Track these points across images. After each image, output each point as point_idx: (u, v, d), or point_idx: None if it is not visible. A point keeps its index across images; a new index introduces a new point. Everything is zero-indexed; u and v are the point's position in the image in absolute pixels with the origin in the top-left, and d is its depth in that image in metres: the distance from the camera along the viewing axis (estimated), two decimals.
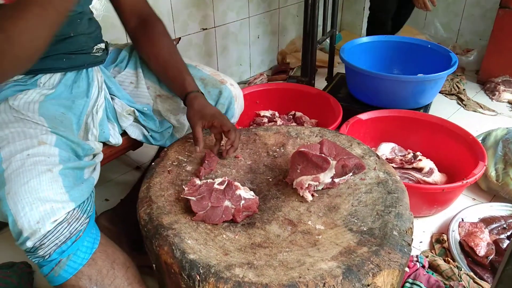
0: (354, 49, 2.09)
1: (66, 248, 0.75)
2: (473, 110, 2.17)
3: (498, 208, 1.45)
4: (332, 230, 0.82)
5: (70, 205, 0.75)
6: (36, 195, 0.73)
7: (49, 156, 0.79)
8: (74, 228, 0.76)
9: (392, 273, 0.73)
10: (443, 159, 1.60)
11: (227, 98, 1.12)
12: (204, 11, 2.13)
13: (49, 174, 0.76)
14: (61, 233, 0.74)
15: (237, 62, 2.50)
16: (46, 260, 0.74)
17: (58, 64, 0.99)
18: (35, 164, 0.76)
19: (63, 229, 0.74)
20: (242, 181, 0.96)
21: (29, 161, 0.77)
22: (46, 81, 0.98)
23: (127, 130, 1.11)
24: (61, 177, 0.77)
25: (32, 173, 0.75)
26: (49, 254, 0.74)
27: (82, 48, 1.02)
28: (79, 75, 1.03)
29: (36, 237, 0.72)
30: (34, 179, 0.74)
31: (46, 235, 0.72)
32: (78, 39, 1.00)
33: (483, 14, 2.65)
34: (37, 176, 0.75)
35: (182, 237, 0.78)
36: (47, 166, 0.77)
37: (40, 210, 0.72)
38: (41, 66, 0.96)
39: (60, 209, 0.74)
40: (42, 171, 0.76)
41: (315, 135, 1.14)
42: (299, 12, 2.74)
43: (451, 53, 1.92)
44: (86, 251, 0.78)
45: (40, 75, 0.97)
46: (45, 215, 0.72)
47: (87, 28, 1.03)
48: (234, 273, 0.70)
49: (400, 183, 0.94)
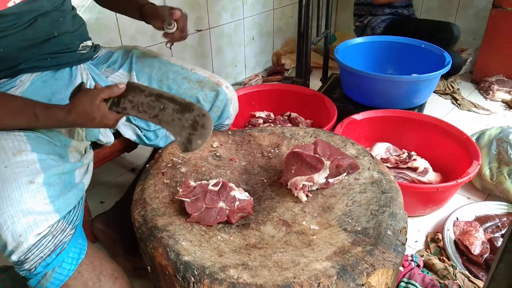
0: (348, 49, 2.09)
1: (50, 261, 0.74)
2: (468, 110, 2.19)
3: (492, 206, 1.46)
4: (326, 230, 0.82)
5: (53, 217, 0.74)
6: (18, 207, 0.72)
7: (28, 166, 0.78)
8: (59, 240, 0.75)
9: (386, 272, 0.73)
10: (438, 159, 1.60)
11: (222, 100, 1.12)
12: (199, 12, 2.13)
13: (32, 185, 0.75)
14: (45, 246, 0.73)
15: (232, 63, 2.51)
16: (32, 273, 0.74)
17: (42, 64, 0.97)
18: (15, 175, 0.75)
19: (48, 242, 0.73)
20: (236, 182, 0.96)
21: (8, 173, 0.75)
22: (26, 79, 0.96)
23: (119, 130, 1.10)
24: (45, 187, 0.76)
25: (12, 185, 0.74)
26: (34, 267, 0.73)
27: (68, 47, 1.01)
28: (61, 72, 1.01)
29: (20, 251, 0.71)
30: (15, 192, 0.73)
31: (30, 248, 0.71)
32: (63, 38, 0.99)
33: (476, 14, 2.67)
34: (18, 188, 0.73)
35: (177, 239, 0.78)
36: (28, 177, 0.76)
37: (22, 223, 0.71)
38: (25, 66, 0.95)
39: (43, 221, 0.72)
40: (24, 183, 0.74)
41: (309, 135, 1.14)
42: (293, 13, 2.74)
43: (445, 53, 1.93)
44: (72, 262, 0.77)
45: (21, 74, 0.96)
46: (28, 228, 0.71)
47: (71, 26, 1.02)
48: (228, 274, 0.70)
49: (394, 182, 0.94)
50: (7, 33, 0.87)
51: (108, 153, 1.12)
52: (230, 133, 1.16)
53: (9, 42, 0.88)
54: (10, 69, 0.93)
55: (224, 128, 1.21)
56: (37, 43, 0.94)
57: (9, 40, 0.87)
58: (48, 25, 0.94)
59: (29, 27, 0.90)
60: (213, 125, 0.82)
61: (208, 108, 1.11)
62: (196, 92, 1.10)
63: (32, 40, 0.92)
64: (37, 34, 0.92)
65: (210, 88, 1.12)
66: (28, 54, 0.93)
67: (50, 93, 0.97)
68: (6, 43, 0.88)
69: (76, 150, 0.95)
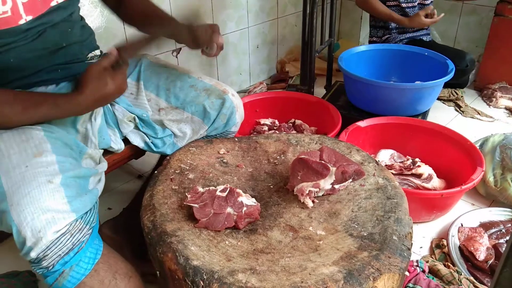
0: (352, 57, 2.11)
1: (68, 259, 0.76)
2: (471, 117, 2.19)
3: (497, 213, 1.47)
4: (333, 235, 0.83)
5: (71, 216, 0.76)
6: (38, 204, 0.74)
7: (47, 166, 0.80)
8: (77, 239, 0.77)
9: (392, 277, 0.74)
10: (442, 165, 1.61)
11: (229, 108, 1.14)
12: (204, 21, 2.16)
13: (50, 185, 0.77)
14: (64, 244, 0.75)
15: (237, 71, 2.53)
16: (50, 271, 0.75)
17: (53, 75, 0.99)
18: (35, 175, 0.77)
19: (66, 240, 0.75)
20: (243, 188, 0.98)
21: (28, 173, 0.77)
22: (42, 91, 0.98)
23: (128, 137, 1.12)
24: (63, 187, 0.78)
25: (32, 184, 0.76)
26: (52, 265, 0.75)
27: (77, 57, 1.03)
28: (74, 84, 1.02)
29: (39, 247, 0.72)
30: (35, 190, 0.75)
31: (49, 246, 0.73)
32: (72, 49, 1.01)
33: (479, 21, 2.68)
34: (38, 187, 0.76)
35: (186, 244, 0.79)
36: (47, 176, 0.78)
37: (41, 219, 0.73)
38: (36, 79, 0.97)
39: (61, 219, 0.74)
40: (43, 182, 0.77)
41: (315, 142, 1.15)
42: (297, 22, 2.77)
43: (448, 61, 1.95)
44: (89, 261, 0.79)
45: (35, 87, 0.98)
46: (47, 224, 0.73)
47: (80, 36, 1.03)
48: (237, 279, 0.71)
49: (399, 188, 0.96)
50: (16, 45, 0.89)
51: (117, 159, 1.13)
52: (236, 140, 1.18)
53: (18, 53, 0.90)
54: (21, 80, 0.94)
55: (230, 135, 1.22)
56: (46, 53, 0.96)
57: (18, 51, 0.90)
58: (56, 36, 0.96)
59: (38, 38, 0.92)
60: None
61: (215, 115, 1.13)
62: (203, 100, 1.12)
63: (41, 50, 0.94)
64: (46, 45, 0.94)
65: (216, 96, 1.14)
66: (37, 64, 0.95)
67: None
68: (15, 54, 0.90)
69: (91, 158, 0.97)
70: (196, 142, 1.16)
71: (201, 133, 1.15)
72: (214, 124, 1.14)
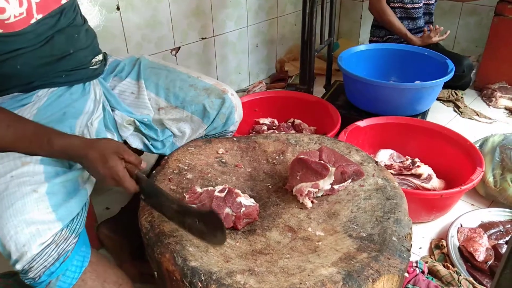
0: (351, 57, 2.11)
1: (54, 269, 0.74)
2: (469, 118, 2.19)
3: (496, 213, 1.46)
4: (332, 236, 0.83)
5: (56, 226, 0.75)
6: (21, 217, 0.72)
7: (33, 176, 0.79)
8: (62, 249, 0.75)
9: (391, 278, 0.73)
10: (441, 165, 1.61)
11: (228, 107, 1.13)
12: (203, 20, 2.15)
13: (35, 194, 0.75)
14: (49, 255, 0.74)
15: (236, 71, 2.52)
16: (36, 282, 0.74)
17: (57, 80, 0.99)
18: (19, 185, 0.76)
19: (51, 251, 0.74)
20: (242, 189, 0.97)
21: (13, 183, 0.76)
22: (42, 94, 0.98)
23: (127, 140, 1.12)
24: (48, 196, 0.77)
25: (16, 195, 0.74)
26: (38, 276, 0.74)
27: (82, 63, 1.03)
28: (75, 87, 1.03)
29: (24, 260, 0.72)
30: (19, 201, 0.74)
31: (34, 258, 0.72)
32: (78, 55, 1.01)
33: (479, 21, 2.68)
34: (22, 197, 0.74)
35: (184, 245, 0.79)
36: (32, 186, 0.76)
37: (25, 233, 0.71)
38: (39, 83, 0.97)
39: (46, 231, 0.73)
40: (27, 192, 0.75)
41: (314, 142, 1.15)
42: (297, 21, 2.76)
43: (448, 60, 1.94)
44: (76, 270, 0.77)
45: (38, 90, 0.98)
46: (31, 238, 0.71)
47: (85, 42, 1.04)
48: (235, 280, 0.71)
49: (399, 189, 0.95)
50: (24, 51, 0.89)
51: None
52: (235, 139, 1.17)
53: (26, 60, 0.90)
54: (25, 85, 0.95)
55: (228, 135, 1.22)
56: (53, 60, 0.96)
57: (26, 57, 0.89)
58: (64, 42, 0.96)
59: (46, 45, 0.92)
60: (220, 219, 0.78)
61: (214, 115, 1.13)
62: (203, 100, 1.11)
63: (49, 57, 0.95)
64: (54, 51, 0.95)
65: (216, 95, 1.13)
66: (43, 71, 0.95)
67: (64, 106, 0.99)
68: (23, 61, 0.90)
69: None
70: (194, 142, 1.15)
71: (200, 132, 1.15)
72: (213, 123, 1.14)
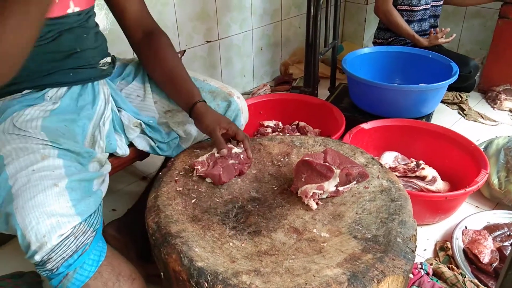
0: (355, 59, 2.11)
1: (72, 261, 0.76)
2: (474, 120, 2.19)
3: (501, 215, 1.46)
4: (337, 237, 0.83)
5: (76, 219, 0.77)
6: (43, 209, 0.74)
7: (54, 170, 0.81)
8: (81, 242, 0.77)
9: (396, 279, 0.74)
10: (446, 168, 1.61)
11: (234, 110, 1.14)
12: (208, 24, 2.17)
13: (55, 188, 0.77)
14: (67, 247, 0.75)
15: (241, 74, 2.54)
16: (54, 273, 0.76)
17: (65, 79, 1.01)
18: (41, 179, 0.78)
19: (70, 243, 0.76)
20: (247, 190, 0.98)
21: (34, 177, 0.78)
22: (53, 95, 1.00)
23: (134, 142, 1.13)
24: (68, 191, 0.79)
25: (38, 188, 0.76)
26: (56, 267, 0.75)
27: (89, 63, 1.04)
28: (85, 88, 1.05)
29: (43, 251, 0.73)
30: (41, 194, 0.76)
31: (53, 249, 0.74)
32: (85, 54, 1.03)
33: (483, 24, 2.68)
34: (43, 190, 0.76)
35: (190, 245, 0.80)
36: (53, 180, 0.78)
37: (46, 224, 0.73)
38: (49, 81, 0.98)
39: (66, 223, 0.75)
40: (48, 186, 0.77)
41: (318, 144, 1.16)
42: (301, 24, 2.77)
43: (452, 63, 1.95)
44: (92, 264, 0.79)
45: (47, 89, 0.99)
46: (51, 229, 0.73)
47: (93, 42, 1.05)
48: (241, 280, 0.71)
49: (403, 191, 0.96)
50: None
51: (121, 162, 1.14)
52: None
53: (33, 55, 0.91)
54: (32, 81, 0.96)
55: None
56: (59, 57, 0.97)
57: (33, 52, 0.90)
58: (71, 41, 0.98)
59: (53, 42, 0.94)
60: None
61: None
62: (209, 103, 1.12)
63: (55, 53, 0.96)
64: (60, 48, 0.96)
65: (222, 98, 1.14)
66: (50, 67, 0.96)
67: (79, 109, 1.01)
68: (30, 56, 0.91)
69: (98, 161, 0.98)
70: (200, 144, 1.17)
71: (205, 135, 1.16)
72: None
